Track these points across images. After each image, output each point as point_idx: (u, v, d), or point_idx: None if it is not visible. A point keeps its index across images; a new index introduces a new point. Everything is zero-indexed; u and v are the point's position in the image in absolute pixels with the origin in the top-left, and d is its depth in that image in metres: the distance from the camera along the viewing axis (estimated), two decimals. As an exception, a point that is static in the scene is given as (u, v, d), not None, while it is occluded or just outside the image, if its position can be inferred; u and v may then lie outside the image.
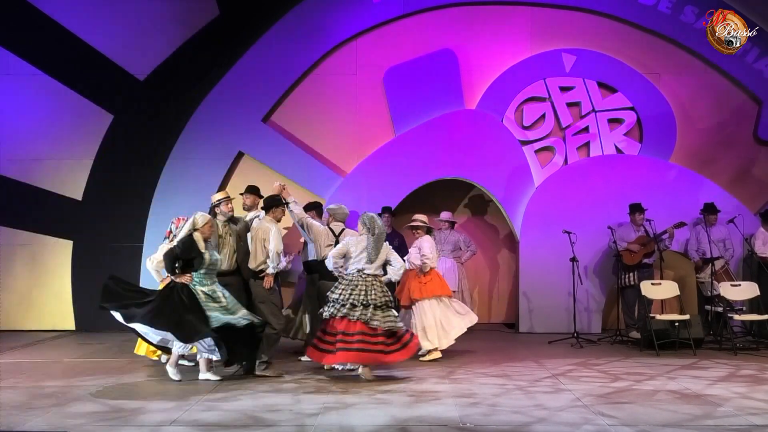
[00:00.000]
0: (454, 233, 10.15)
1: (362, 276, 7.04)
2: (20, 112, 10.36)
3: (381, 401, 6.14)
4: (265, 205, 7.51)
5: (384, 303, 6.97)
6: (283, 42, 10.35)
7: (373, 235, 7.09)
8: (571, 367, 7.64)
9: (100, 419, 5.57)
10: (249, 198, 8.20)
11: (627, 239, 9.53)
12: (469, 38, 10.43)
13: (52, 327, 10.19)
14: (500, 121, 10.40)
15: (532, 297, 10.16)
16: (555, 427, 5.38)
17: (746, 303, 9.20)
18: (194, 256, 6.83)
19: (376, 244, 7.08)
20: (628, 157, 10.36)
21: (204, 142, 10.28)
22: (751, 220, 9.89)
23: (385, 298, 7.02)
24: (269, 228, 7.27)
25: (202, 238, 6.91)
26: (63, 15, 10.26)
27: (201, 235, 6.92)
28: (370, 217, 7.18)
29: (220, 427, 5.39)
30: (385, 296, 7.02)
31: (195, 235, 6.91)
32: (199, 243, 6.88)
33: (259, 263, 7.26)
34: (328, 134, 10.42)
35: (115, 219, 10.21)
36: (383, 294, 7.03)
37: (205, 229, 6.95)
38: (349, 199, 9.86)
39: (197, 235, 6.91)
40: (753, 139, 10.45)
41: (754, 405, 5.99)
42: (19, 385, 6.74)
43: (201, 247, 6.88)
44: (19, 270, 10.31)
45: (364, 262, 7.06)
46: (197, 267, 6.85)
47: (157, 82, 10.32)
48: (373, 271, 7.08)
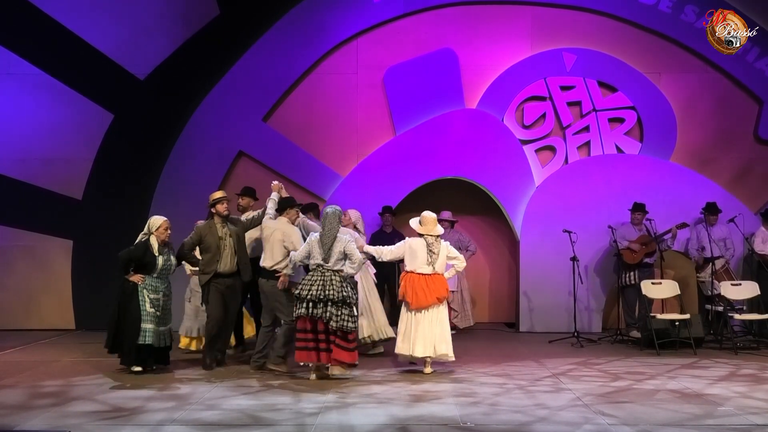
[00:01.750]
0: (454, 233, 10.14)
1: (320, 271, 6.96)
2: (21, 112, 10.35)
3: (381, 401, 6.14)
4: (280, 207, 7.52)
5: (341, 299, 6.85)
6: (284, 41, 10.35)
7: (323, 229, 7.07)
8: (571, 366, 7.64)
9: (100, 419, 5.57)
10: (245, 200, 8.18)
11: (628, 238, 9.52)
12: (470, 38, 10.43)
13: (52, 326, 10.18)
14: (500, 121, 10.40)
15: (533, 296, 10.16)
16: (555, 427, 5.38)
17: (746, 302, 9.19)
18: (148, 260, 7.09)
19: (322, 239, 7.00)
20: (629, 157, 10.36)
21: (204, 142, 10.29)
22: (752, 220, 9.89)
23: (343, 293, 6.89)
24: (292, 230, 7.38)
25: (157, 242, 7.14)
26: (63, 14, 10.25)
27: (156, 239, 7.14)
28: (324, 212, 7.17)
29: (220, 427, 5.39)
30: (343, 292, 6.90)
31: (151, 238, 7.14)
32: (153, 246, 7.11)
33: (275, 263, 7.28)
34: (328, 134, 10.42)
35: (115, 219, 10.20)
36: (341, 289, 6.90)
37: (160, 232, 7.16)
38: (350, 199, 9.88)
39: (152, 238, 7.14)
40: (753, 138, 10.44)
41: (755, 404, 5.99)
42: (19, 385, 6.74)
43: (155, 250, 7.11)
44: (19, 270, 10.31)
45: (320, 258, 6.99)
46: (149, 271, 7.11)
47: (157, 82, 10.31)
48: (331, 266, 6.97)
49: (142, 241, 7.19)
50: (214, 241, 7.45)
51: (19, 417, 5.60)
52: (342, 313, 6.81)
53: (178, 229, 8.37)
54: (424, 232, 7.41)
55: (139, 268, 7.16)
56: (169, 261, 7.26)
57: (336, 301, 6.81)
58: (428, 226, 7.43)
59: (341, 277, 6.93)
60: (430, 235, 7.40)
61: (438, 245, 7.39)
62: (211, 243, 7.45)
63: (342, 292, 6.84)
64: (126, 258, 7.16)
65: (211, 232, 7.50)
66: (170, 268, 7.30)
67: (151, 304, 7.11)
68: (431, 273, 7.34)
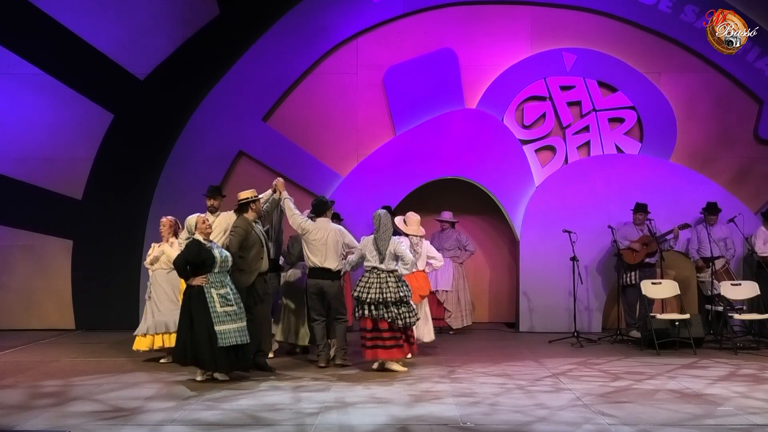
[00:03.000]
0: (453, 232, 10.16)
1: (376, 273, 7.22)
2: (21, 111, 10.35)
3: (381, 400, 6.14)
4: (318, 209, 7.60)
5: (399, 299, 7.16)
6: (284, 41, 10.35)
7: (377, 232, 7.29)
8: (571, 366, 7.64)
9: (100, 419, 5.57)
10: (218, 200, 8.13)
11: (630, 238, 9.52)
12: (470, 37, 10.43)
13: (52, 326, 10.18)
14: (500, 121, 10.40)
15: (533, 296, 10.16)
16: (555, 427, 5.38)
17: (746, 302, 9.18)
18: (204, 257, 6.74)
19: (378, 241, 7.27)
20: (629, 157, 10.36)
21: (204, 142, 10.29)
22: (752, 220, 9.89)
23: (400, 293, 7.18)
24: (344, 231, 7.63)
25: (203, 238, 6.86)
26: (63, 14, 10.25)
27: (201, 235, 6.87)
28: (375, 215, 7.38)
29: (220, 427, 5.39)
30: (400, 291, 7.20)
31: (196, 237, 6.86)
32: (204, 244, 6.82)
33: (338, 263, 7.49)
34: (328, 133, 10.42)
35: (115, 219, 10.21)
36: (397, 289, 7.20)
37: (202, 229, 6.89)
38: (350, 199, 9.88)
39: (198, 236, 6.86)
40: (753, 138, 10.44)
41: (755, 404, 5.99)
42: (19, 385, 6.74)
43: (208, 247, 6.82)
44: (19, 270, 10.31)
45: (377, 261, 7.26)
46: (209, 268, 6.76)
47: (157, 82, 10.31)
48: (385, 267, 7.22)
49: (191, 241, 6.86)
50: (258, 239, 7.24)
51: (19, 417, 5.60)
52: (402, 311, 7.13)
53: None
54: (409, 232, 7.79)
55: (197, 270, 6.79)
56: (224, 253, 6.91)
57: (395, 302, 7.11)
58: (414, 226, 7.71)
59: (396, 277, 7.21)
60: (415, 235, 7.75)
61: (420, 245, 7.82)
62: (255, 241, 7.20)
63: (399, 293, 7.14)
64: (182, 262, 6.78)
65: (254, 229, 7.26)
66: (227, 260, 6.91)
67: (221, 302, 6.75)
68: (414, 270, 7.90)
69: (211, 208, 8.06)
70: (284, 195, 7.71)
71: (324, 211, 7.63)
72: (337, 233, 7.54)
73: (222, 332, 6.67)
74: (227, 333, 6.69)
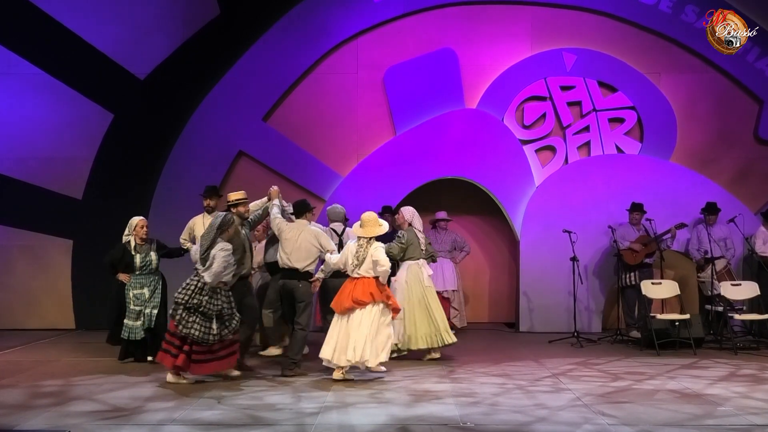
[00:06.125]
0: (450, 233, 10.16)
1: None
2: (21, 111, 10.35)
3: (381, 400, 6.14)
4: (299, 210, 7.45)
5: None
6: (284, 41, 10.35)
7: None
8: (571, 366, 7.64)
9: (100, 418, 5.57)
10: (214, 200, 8.12)
11: (628, 239, 9.52)
12: (470, 37, 10.43)
13: (52, 326, 10.19)
14: (501, 121, 10.40)
15: (533, 296, 10.16)
16: (555, 427, 5.38)
17: (746, 302, 9.19)
18: (127, 260, 7.60)
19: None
20: (629, 157, 10.36)
21: (204, 141, 10.29)
22: (752, 220, 9.89)
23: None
24: (320, 232, 7.41)
25: (135, 241, 7.58)
26: (64, 14, 10.25)
27: (135, 238, 7.58)
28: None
29: (220, 426, 5.39)
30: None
31: (130, 239, 7.62)
32: (131, 246, 7.59)
33: (307, 264, 7.25)
34: (328, 133, 10.42)
35: (115, 219, 10.15)
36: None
37: (137, 231, 7.63)
38: (350, 199, 9.88)
39: (131, 238, 7.61)
40: (753, 138, 10.44)
41: (754, 404, 5.99)
42: (19, 384, 6.74)
43: (132, 249, 7.64)
44: (19, 269, 10.31)
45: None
46: (131, 269, 7.66)
47: (157, 81, 10.31)
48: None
49: (119, 244, 7.76)
50: (241, 244, 7.13)
51: (19, 416, 5.60)
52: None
53: (179, 228, 8.41)
54: (359, 234, 7.09)
55: (124, 268, 7.70)
56: (148, 257, 7.65)
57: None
58: (366, 228, 7.08)
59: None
60: (362, 237, 7.04)
61: (366, 248, 6.98)
62: (239, 245, 7.08)
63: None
64: (108, 261, 7.75)
65: (238, 234, 7.12)
66: (150, 264, 7.69)
67: (133, 301, 7.65)
68: (358, 276, 6.98)
69: (208, 208, 8.06)
70: (274, 202, 7.64)
71: (303, 212, 7.46)
72: (311, 234, 7.30)
73: (126, 326, 7.67)
74: (129, 327, 7.66)
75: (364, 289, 6.88)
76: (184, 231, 8.23)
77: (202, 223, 7.87)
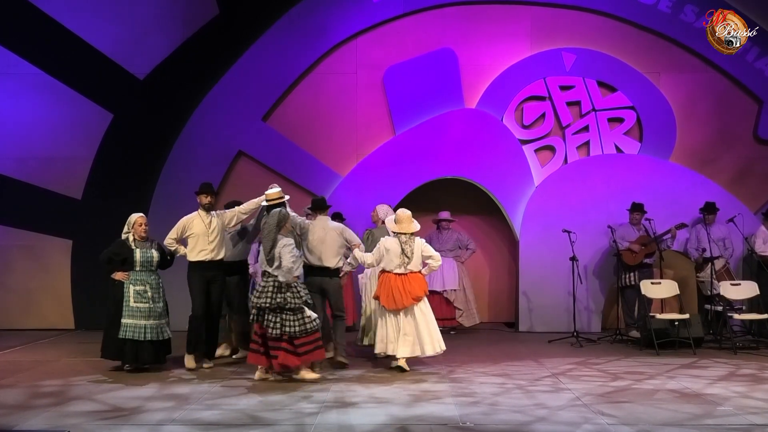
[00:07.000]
0: (453, 232, 10.16)
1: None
2: (20, 111, 10.35)
3: (381, 400, 6.14)
4: (317, 207, 7.69)
5: None
6: (283, 41, 10.35)
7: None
8: (571, 366, 7.64)
9: (100, 418, 5.57)
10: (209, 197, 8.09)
11: (628, 239, 9.52)
12: (469, 37, 10.43)
13: (51, 326, 10.18)
14: (500, 121, 10.40)
15: (532, 296, 10.16)
16: (555, 426, 5.38)
17: (746, 302, 9.19)
18: (124, 256, 7.33)
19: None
20: (628, 157, 10.36)
21: (203, 141, 10.29)
22: (751, 220, 9.89)
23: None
24: (344, 227, 7.67)
25: (133, 237, 7.37)
26: (63, 14, 10.25)
27: (133, 235, 7.38)
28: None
29: (220, 426, 5.39)
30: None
31: (129, 235, 7.39)
32: (129, 242, 7.36)
33: (337, 261, 7.53)
34: (327, 133, 10.42)
35: (115, 219, 10.12)
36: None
37: (136, 228, 7.41)
38: (349, 199, 9.89)
39: (130, 235, 7.38)
40: (753, 138, 10.44)
41: (754, 404, 5.99)
42: (18, 385, 6.74)
43: (132, 245, 7.37)
44: (18, 269, 10.31)
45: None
46: (131, 266, 7.34)
47: (157, 81, 10.31)
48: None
49: (118, 239, 7.48)
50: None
51: (18, 417, 5.60)
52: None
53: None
54: (398, 230, 7.34)
55: (122, 266, 7.37)
56: (149, 253, 7.42)
57: None
58: (403, 224, 7.35)
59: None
60: (403, 233, 7.30)
61: (412, 244, 7.33)
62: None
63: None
64: (105, 257, 7.42)
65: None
66: (152, 260, 7.43)
67: (135, 298, 7.26)
68: (406, 273, 7.29)
69: (208, 205, 8.02)
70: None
71: (324, 208, 7.68)
72: (336, 231, 7.54)
73: (126, 325, 7.19)
74: (131, 327, 7.18)
75: (417, 284, 7.28)
76: (174, 230, 7.69)
77: (201, 222, 7.65)
